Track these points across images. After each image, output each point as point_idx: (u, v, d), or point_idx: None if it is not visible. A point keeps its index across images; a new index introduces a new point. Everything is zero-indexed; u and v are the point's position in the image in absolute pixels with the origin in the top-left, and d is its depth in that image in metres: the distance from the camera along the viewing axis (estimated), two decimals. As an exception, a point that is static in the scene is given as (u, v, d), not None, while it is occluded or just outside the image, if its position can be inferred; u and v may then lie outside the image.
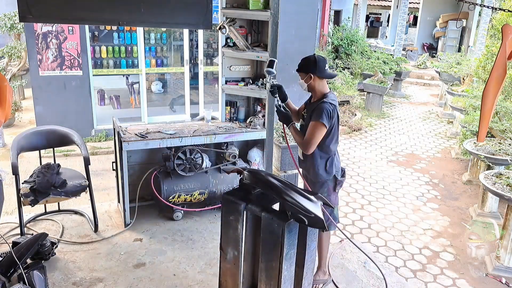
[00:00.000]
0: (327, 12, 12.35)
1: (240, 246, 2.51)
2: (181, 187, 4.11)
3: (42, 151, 4.10)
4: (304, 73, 3.02)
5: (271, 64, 3.18)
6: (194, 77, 8.33)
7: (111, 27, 7.32)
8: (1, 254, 3.08)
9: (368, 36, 19.33)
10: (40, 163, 3.94)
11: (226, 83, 4.53)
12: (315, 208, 2.25)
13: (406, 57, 14.97)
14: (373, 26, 22.14)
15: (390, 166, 6.90)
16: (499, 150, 5.20)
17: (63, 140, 4.01)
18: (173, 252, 3.67)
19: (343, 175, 3.17)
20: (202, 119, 4.72)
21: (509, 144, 5.28)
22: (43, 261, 3.22)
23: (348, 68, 11.70)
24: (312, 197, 2.34)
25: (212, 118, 4.66)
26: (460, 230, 4.95)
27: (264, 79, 3.64)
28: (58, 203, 4.15)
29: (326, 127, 2.92)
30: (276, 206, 2.51)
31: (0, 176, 3.24)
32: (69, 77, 7.12)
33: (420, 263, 4.28)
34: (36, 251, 3.24)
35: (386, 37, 19.93)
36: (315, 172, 3.08)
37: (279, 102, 3.13)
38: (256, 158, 4.51)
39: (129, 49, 7.57)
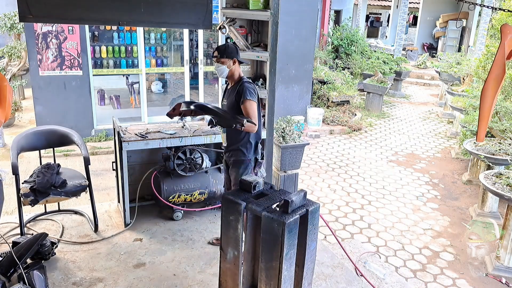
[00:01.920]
0: (327, 12, 12.34)
1: (240, 246, 2.51)
2: (181, 187, 4.11)
3: (42, 151, 4.10)
4: (229, 59, 3.23)
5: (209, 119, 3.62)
6: (194, 77, 8.33)
7: (111, 27, 7.32)
8: (1, 254, 3.08)
9: (368, 36, 19.33)
10: (40, 163, 3.94)
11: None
12: (226, 113, 3.03)
13: (406, 57, 14.98)
14: (373, 26, 22.15)
15: (390, 166, 6.90)
16: (499, 150, 5.20)
17: (63, 140, 4.01)
18: (173, 252, 3.67)
19: (262, 158, 3.44)
20: (202, 119, 4.71)
21: (509, 144, 5.28)
22: (43, 261, 3.23)
23: (348, 68, 11.71)
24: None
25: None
26: (460, 230, 4.95)
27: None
28: (58, 203, 4.15)
29: (255, 102, 3.18)
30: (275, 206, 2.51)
31: (0, 176, 3.24)
32: (69, 77, 7.13)
33: (420, 263, 4.28)
34: (36, 251, 3.24)
35: (386, 37, 19.93)
36: (243, 152, 3.29)
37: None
38: (256, 158, 4.51)
39: (129, 49, 7.57)
